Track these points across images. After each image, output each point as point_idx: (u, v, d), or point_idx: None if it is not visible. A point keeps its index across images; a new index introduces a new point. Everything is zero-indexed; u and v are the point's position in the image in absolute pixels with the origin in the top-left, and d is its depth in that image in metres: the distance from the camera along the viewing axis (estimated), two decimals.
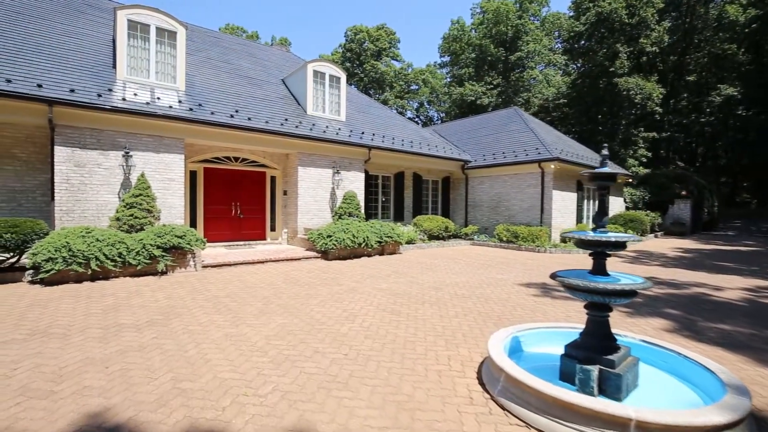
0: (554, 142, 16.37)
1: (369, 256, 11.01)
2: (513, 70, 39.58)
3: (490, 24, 38.87)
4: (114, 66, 9.97)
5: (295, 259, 9.88)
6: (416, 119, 50.24)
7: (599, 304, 3.11)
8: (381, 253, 11.41)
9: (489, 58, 39.22)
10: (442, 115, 49.94)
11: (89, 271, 6.84)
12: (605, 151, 3.29)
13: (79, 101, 8.19)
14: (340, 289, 6.87)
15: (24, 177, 8.65)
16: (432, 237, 14.52)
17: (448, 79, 47.34)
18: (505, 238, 14.45)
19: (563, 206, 14.93)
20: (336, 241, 10.08)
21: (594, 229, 3.22)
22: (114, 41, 10.75)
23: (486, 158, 16.60)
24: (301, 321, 4.95)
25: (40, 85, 7.99)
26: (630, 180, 20.51)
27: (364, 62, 45.43)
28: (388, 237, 11.29)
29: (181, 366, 3.52)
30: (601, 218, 3.22)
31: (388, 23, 49.99)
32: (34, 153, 8.75)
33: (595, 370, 2.92)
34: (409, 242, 13.08)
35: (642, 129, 32.00)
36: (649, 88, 30.11)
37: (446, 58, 46.00)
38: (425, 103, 51.74)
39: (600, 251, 3.17)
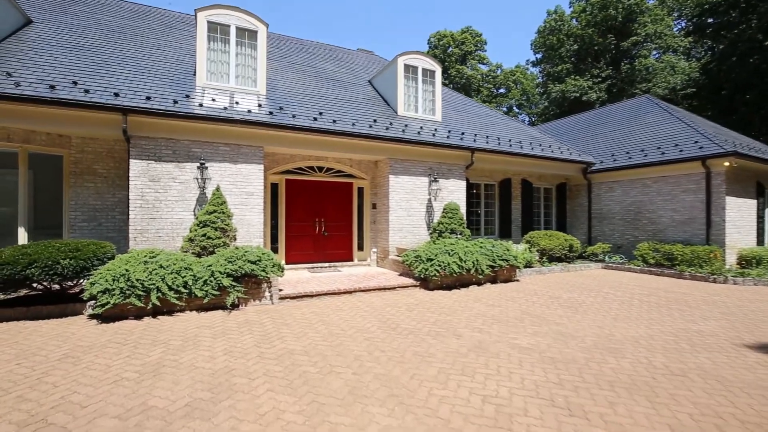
0: (717, 133, 12.43)
1: (479, 284, 8.67)
2: (624, 58, 34.09)
3: (594, 9, 34.05)
4: (195, 74, 9.24)
5: (389, 288, 7.96)
6: None
7: None
8: (493, 281, 8.99)
9: (595, 48, 34.30)
10: (533, 117, 45.40)
11: (149, 305, 5.66)
12: None
13: (153, 108, 7.34)
14: (460, 344, 4.71)
15: (104, 194, 8.07)
16: (552, 258, 11.62)
17: (541, 78, 42.84)
18: (652, 261, 11.01)
19: (738, 218, 10.98)
20: (439, 266, 7.96)
21: None
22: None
23: (616, 159, 13.23)
24: (419, 424, 2.90)
25: (116, 94, 7.30)
26: None
27: (449, 68, 43.12)
28: (502, 260, 8.85)
29: None
30: None
31: (473, 26, 47.19)
32: (114, 168, 8.16)
33: None
34: (526, 265, 10.44)
35: None
36: None
37: (539, 55, 41.63)
38: (514, 107, 47.64)
39: None
